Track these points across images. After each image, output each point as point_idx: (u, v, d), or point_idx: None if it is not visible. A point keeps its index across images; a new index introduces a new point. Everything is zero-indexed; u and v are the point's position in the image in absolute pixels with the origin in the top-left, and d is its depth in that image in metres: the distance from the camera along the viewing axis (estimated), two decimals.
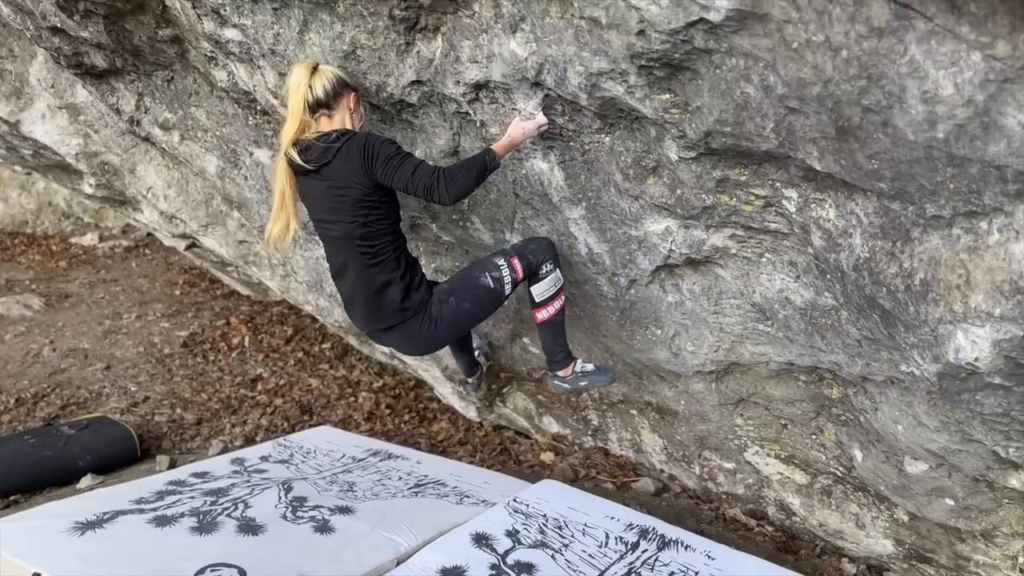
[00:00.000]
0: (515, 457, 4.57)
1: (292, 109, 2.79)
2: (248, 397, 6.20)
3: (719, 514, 4.10)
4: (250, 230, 4.69)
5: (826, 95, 2.05)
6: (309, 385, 6.35)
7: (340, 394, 6.13)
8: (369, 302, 3.00)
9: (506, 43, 2.57)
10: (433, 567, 2.87)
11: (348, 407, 5.84)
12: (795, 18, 1.96)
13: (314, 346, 7.07)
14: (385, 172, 2.69)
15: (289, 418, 5.76)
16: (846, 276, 2.45)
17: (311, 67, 2.80)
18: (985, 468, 2.90)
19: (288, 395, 6.17)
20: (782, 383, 3.42)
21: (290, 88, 2.79)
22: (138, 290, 9.22)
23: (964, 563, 3.63)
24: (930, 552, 3.71)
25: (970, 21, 1.75)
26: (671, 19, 2.12)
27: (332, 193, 2.80)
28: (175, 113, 4.20)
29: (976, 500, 3.15)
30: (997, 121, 1.85)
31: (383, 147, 2.70)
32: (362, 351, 6.93)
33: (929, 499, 3.28)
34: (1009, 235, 2.03)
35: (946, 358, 2.25)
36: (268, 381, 6.44)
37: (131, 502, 3.32)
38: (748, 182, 2.55)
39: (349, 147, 2.73)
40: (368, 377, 6.44)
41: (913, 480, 3.25)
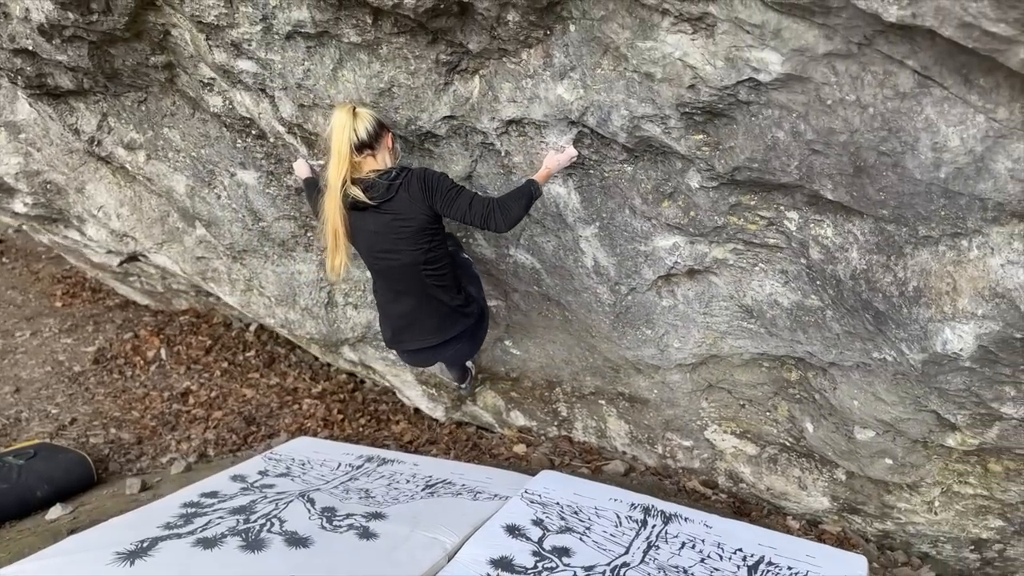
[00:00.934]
0: (488, 451, 4.88)
1: (338, 151, 2.94)
2: (183, 412, 6.12)
3: (680, 487, 4.61)
4: (214, 247, 4.69)
5: (850, 142, 2.51)
6: (244, 395, 6.34)
7: (281, 403, 6.18)
8: (434, 318, 3.30)
9: (553, 88, 2.87)
10: (482, 559, 3.16)
11: (296, 415, 5.92)
12: (833, 81, 2.41)
13: (237, 355, 7.01)
14: (444, 203, 2.94)
15: (235, 430, 5.77)
16: (842, 284, 2.96)
17: (351, 110, 2.96)
18: (927, 432, 3.53)
19: (225, 407, 6.15)
20: (748, 370, 3.94)
21: (334, 130, 2.94)
22: (13, 303, 8.66)
23: (889, 511, 4.32)
24: (861, 504, 4.37)
25: (979, 91, 2.25)
26: (724, 78, 2.51)
27: (397, 225, 3.00)
28: (143, 134, 4.17)
29: (912, 458, 3.80)
30: (989, 166, 2.38)
31: (440, 180, 2.95)
32: (291, 358, 6.97)
33: (872, 460, 3.91)
34: (986, 251, 2.59)
35: (933, 349, 2.81)
36: (198, 394, 6.37)
37: (159, 527, 3.37)
38: (757, 206, 3.00)
39: (409, 182, 2.95)
40: (304, 383, 6.51)
41: (860, 445, 3.87)
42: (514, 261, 3.77)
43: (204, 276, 4.95)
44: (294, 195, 4.02)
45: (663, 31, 2.50)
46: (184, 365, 6.84)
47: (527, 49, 2.84)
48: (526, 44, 2.82)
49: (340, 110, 2.97)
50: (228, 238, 4.43)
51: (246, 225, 4.29)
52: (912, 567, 4.50)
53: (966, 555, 4.48)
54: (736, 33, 2.39)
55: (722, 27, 2.40)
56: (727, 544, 3.50)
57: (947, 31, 2.05)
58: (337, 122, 2.94)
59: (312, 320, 4.65)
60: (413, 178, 2.96)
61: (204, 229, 4.50)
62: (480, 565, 3.12)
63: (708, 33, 2.44)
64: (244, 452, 5.42)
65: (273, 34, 3.08)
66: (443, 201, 2.95)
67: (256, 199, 4.11)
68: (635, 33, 2.55)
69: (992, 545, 4.33)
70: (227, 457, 5.36)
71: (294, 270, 4.45)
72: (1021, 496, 3.85)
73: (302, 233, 4.22)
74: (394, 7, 2.64)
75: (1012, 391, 2.91)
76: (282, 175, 3.94)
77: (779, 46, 2.35)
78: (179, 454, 5.48)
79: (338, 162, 2.95)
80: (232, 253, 4.53)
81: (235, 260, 4.60)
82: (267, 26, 3.05)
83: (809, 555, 3.48)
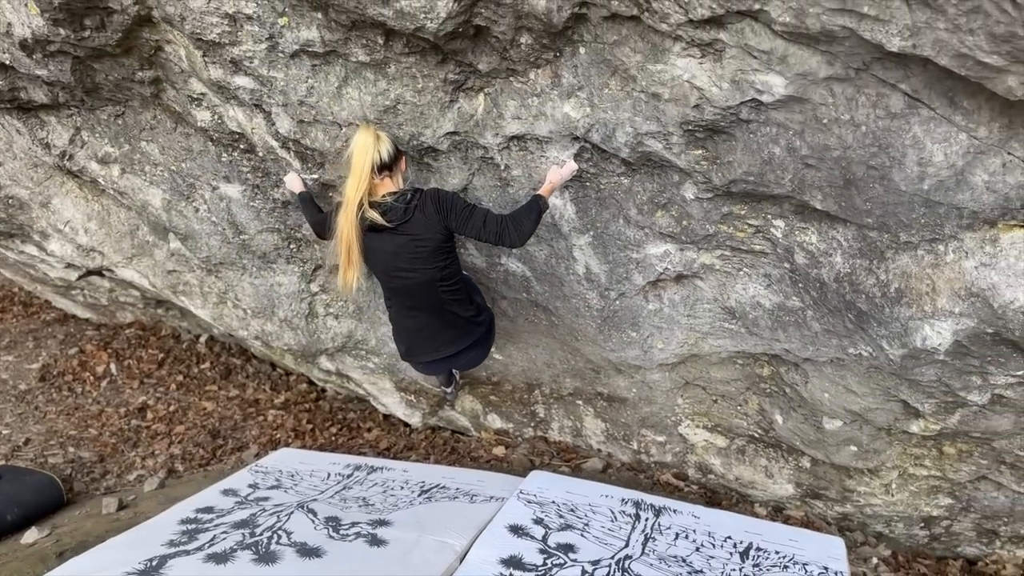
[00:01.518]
0: (467, 454, 4.98)
1: (359, 171, 3.00)
2: (143, 428, 6.01)
3: (655, 481, 4.82)
4: (187, 260, 4.65)
5: (843, 157, 2.74)
6: (204, 408, 6.26)
7: (244, 415, 6.13)
8: (449, 330, 3.43)
9: (559, 106, 3.01)
10: (492, 559, 3.27)
11: (262, 427, 5.89)
12: (830, 102, 2.63)
13: (192, 368, 6.91)
14: (459, 222, 3.04)
15: (201, 444, 5.71)
16: (826, 286, 3.20)
17: (375, 133, 3.04)
18: (893, 420, 3.82)
19: (186, 421, 6.07)
20: (723, 367, 4.16)
21: (356, 151, 3.01)
22: None
23: (849, 494, 4.63)
24: (823, 490, 4.67)
25: (962, 112, 2.50)
26: (728, 98, 2.70)
27: (414, 246, 3.09)
28: (119, 147, 4.11)
29: (875, 444, 4.09)
30: (968, 179, 2.64)
31: (454, 200, 3.05)
32: (247, 369, 6.91)
33: (839, 448, 4.19)
34: (961, 255, 2.85)
35: (913, 345, 3.07)
36: (156, 409, 6.26)
37: (163, 545, 3.36)
38: (746, 215, 3.21)
39: (424, 203, 3.04)
40: (265, 394, 6.47)
41: (828, 435, 4.14)
42: (505, 269, 3.89)
43: (175, 290, 4.89)
44: (280, 208, 4.04)
45: (673, 55, 2.66)
46: (137, 380, 6.69)
47: (535, 69, 2.97)
48: (535, 65, 2.95)
49: (363, 132, 3.03)
50: (205, 251, 4.40)
51: (225, 238, 4.28)
52: (870, 545, 4.83)
53: (916, 532, 4.83)
54: (743, 58, 2.58)
55: (730, 52, 2.58)
56: (716, 533, 3.71)
57: (943, 60, 2.27)
58: (360, 143, 3.00)
59: (291, 331, 4.67)
60: (427, 199, 3.05)
61: (178, 243, 4.46)
62: (492, 565, 3.23)
63: (716, 57, 2.62)
64: (214, 466, 5.38)
65: (278, 52, 3.12)
66: (458, 220, 3.06)
67: (239, 212, 4.10)
68: (646, 56, 2.71)
69: (941, 522, 4.69)
70: (197, 472, 5.30)
71: (273, 282, 4.46)
72: (971, 475, 4.20)
73: (285, 245, 4.24)
74: (415, 31, 2.72)
75: (978, 380, 3.20)
76: (268, 188, 3.95)
77: (784, 70, 2.55)
78: (146, 471, 5.39)
79: (358, 182, 3.00)
80: (208, 266, 4.50)
81: (210, 273, 4.57)
82: (272, 44, 3.09)
83: (792, 539, 3.72)
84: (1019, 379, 3.13)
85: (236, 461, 5.38)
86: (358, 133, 3.03)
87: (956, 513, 4.58)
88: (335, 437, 5.58)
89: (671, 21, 2.52)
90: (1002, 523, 4.60)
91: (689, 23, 2.51)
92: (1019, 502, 4.28)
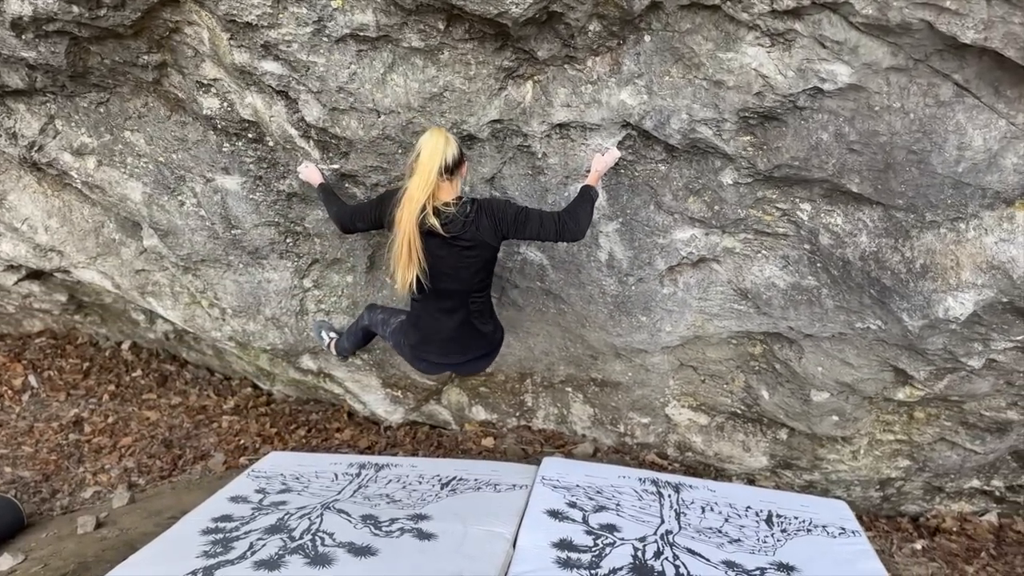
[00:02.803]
0: (456, 447, 4.95)
1: (427, 171, 2.91)
2: (83, 442, 5.60)
3: (641, 461, 4.98)
4: (159, 259, 4.37)
5: (888, 143, 2.95)
6: (148, 418, 5.90)
7: (195, 423, 5.82)
8: (467, 340, 3.41)
9: (616, 94, 3.07)
10: (544, 544, 3.30)
11: (220, 434, 5.61)
12: (884, 91, 2.83)
13: (122, 376, 6.47)
14: (515, 228, 3.06)
15: (156, 456, 5.39)
16: (850, 264, 3.43)
17: (445, 135, 2.97)
18: (882, 388, 4.13)
19: (131, 432, 5.70)
20: (719, 347, 4.36)
21: (426, 150, 2.91)
22: None
23: (819, 463, 4.95)
24: (795, 459, 4.97)
25: (1005, 101, 2.76)
26: (791, 86, 2.85)
27: (464, 255, 3.07)
28: (98, 138, 3.82)
29: (857, 413, 4.41)
30: (999, 161, 2.91)
31: (507, 208, 3.07)
32: (184, 375, 6.55)
33: (822, 418, 4.48)
34: (981, 232, 3.14)
35: (935, 315, 3.34)
36: (93, 421, 5.85)
37: (199, 558, 3.18)
38: (777, 199, 3.38)
39: (480, 218, 3.03)
40: (211, 400, 6.16)
41: (814, 406, 4.41)
42: (523, 259, 3.91)
43: (143, 290, 4.58)
44: (283, 201, 3.87)
45: (745, 44, 2.79)
46: (63, 391, 6.20)
47: (594, 57, 3.02)
48: (595, 52, 2.99)
49: (435, 133, 2.96)
50: (186, 248, 4.15)
51: (213, 233, 4.06)
52: None
53: (871, 494, 5.23)
54: (813, 47, 2.74)
55: (801, 41, 2.73)
56: (736, 503, 3.89)
57: (1009, 52, 2.51)
58: (431, 144, 2.92)
59: (277, 330, 4.48)
60: (483, 214, 3.03)
61: (156, 240, 4.18)
62: (546, 550, 3.26)
63: (786, 47, 2.77)
64: (179, 477, 5.09)
65: (323, 37, 3.01)
66: (514, 226, 3.06)
67: (236, 205, 3.90)
68: (717, 45, 2.82)
69: (895, 483, 5.10)
70: (162, 484, 5.00)
71: (262, 279, 4.27)
72: (933, 438, 4.59)
73: (281, 240, 4.07)
74: (498, 16, 2.71)
75: (979, 346, 3.53)
76: (273, 180, 3.79)
77: (852, 60, 2.72)
78: (102, 486, 5.03)
79: (425, 182, 2.92)
80: (186, 264, 4.24)
81: (186, 271, 4.31)
82: (319, 28, 2.98)
83: (803, 505, 3.96)
84: (1016, 344, 3.48)
85: (203, 470, 5.11)
86: (429, 134, 2.95)
87: (912, 474, 4.99)
88: (306, 439, 5.39)
89: (754, 11, 2.64)
90: (949, 480, 5.06)
91: (771, 13, 2.63)
92: (968, 459, 4.72)
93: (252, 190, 3.85)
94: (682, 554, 3.28)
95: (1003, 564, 4.60)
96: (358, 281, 4.27)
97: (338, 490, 3.91)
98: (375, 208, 3.22)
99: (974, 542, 4.94)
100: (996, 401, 4.09)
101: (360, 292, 4.30)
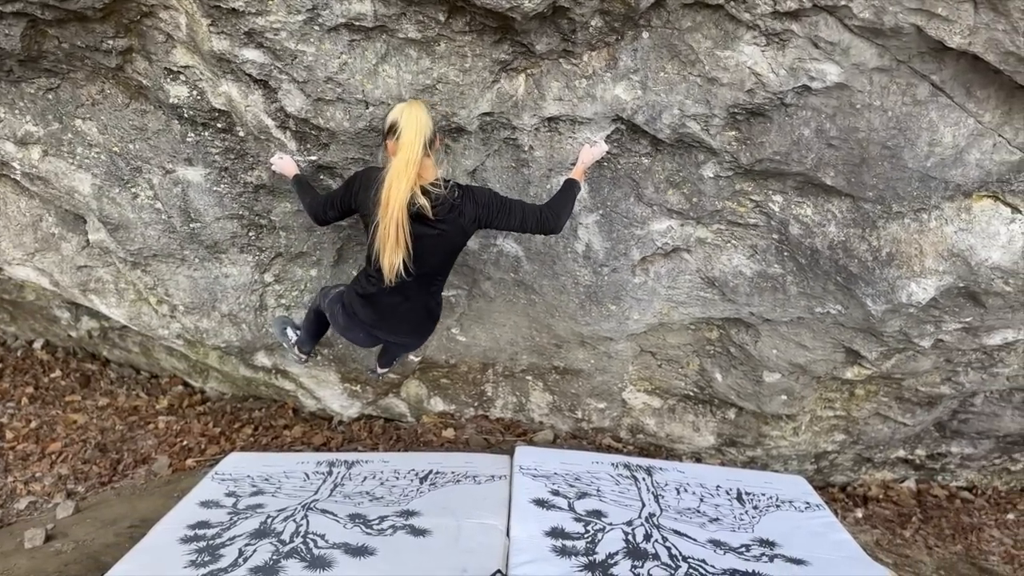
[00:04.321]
0: (416, 440, 4.90)
1: (412, 148, 2.78)
2: (6, 449, 5.25)
3: (598, 445, 5.09)
4: (103, 254, 4.12)
5: (865, 139, 3.12)
6: (75, 422, 5.58)
7: (128, 425, 5.54)
8: (422, 320, 3.36)
9: (610, 88, 3.11)
10: (537, 533, 3.35)
11: (158, 436, 5.36)
12: (867, 90, 2.99)
13: (40, 378, 6.09)
14: (499, 217, 3.01)
15: (91, 461, 5.11)
16: (819, 253, 3.60)
17: (421, 106, 2.86)
18: (832, 368, 4.37)
19: (59, 438, 5.38)
20: (679, 333, 4.50)
21: (409, 126, 2.78)
22: None
23: (762, 439, 5.20)
24: (740, 438, 5.20)
25: (975, 101, 2.97)
26: (783, 84, 2.97)
27: (439, 241, 2.98)
28: (45, 126, 3.57)
29: (805, 392, 4.65)
30: (963, 157, 3.13)
31: (492, 198, 3.01)
32: (108, 374, 6.21)
33: (772, 398, 4.70)
34: (942, 222, 3.37)
35: (898, 300, 3.56)
36: (14, 427, 5.49)
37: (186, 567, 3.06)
38: (752, 191, 3.52)
39: (465, 203, 2.94)
40: (141, 401, 5.88)
41: (766, 387, 4.63)
42: (498, 251, 3.91)
43: (85, 288, 4.31)
44: (249, 193, 3.72)
45: (743, 43, 2.88)
46: None
47: (591, 52, 3.04)
48: (592, 47, 3.02)
49: (415, 106, 2.84)
50: (138, 242, 3.94)
51: (170, 227, 3.86)
52: None
53: (806, 467, 5.53)
54: (806, 48, 2.86)
55: (795, 42, 2.85)
56: (706, 483, 4.04)
57: (989, 56, 2.70)
58: (412, 118, 2.78)
59: (232, 327, 4.31)
60: (467, 200, 2.95)
61: (103, 234, 3.94)
62: (541, 539, 3.30)
63: (780, 46, 2.88)
64: (122, 483, 4.84)
65: (315, 25, 2.91)
66: (498, 215, 3.01)
67: (198, 198, 3.73)
68: (716, 43, 2.90)
69: (829, 456, 5.41)
70: (104, 491, 4.75)
71: (219, 273, 4.10)
72: (869, 412, 4.90)
73: (244, 233, 3.92)
74: (509, 9, 2.69)
75: (931, 328, 3.79)
76: (240, 172, 3.64)
77: (843, 60, 2.86)
78: (37, 496, 4.73)
79: (412, 160, 2.78)
80: (136, 259, 4.02)
81: (135, 267, 4.09)
82: (312, 16, 2.88)
83: (767, 482, 4.16)
84: (964, 325, 3.75)
85: (147, 474, 4.88)
86: (407, 108, 2.83)
87: (846, 447, 5.31)
88: (254, 438, 5.22)
89: (756, 11, 2.73)
90: (878, 451, 5.41)
91: (772, 14, 2.73)
92: (898, 431, 5.06)
93: (217, 182, 3.69)
94: (670, 536, 3.39)
95: (932, 527, 4.97)
96: (323, 275, 4.16)
97: (314, 490, 3.83)
98: (343, 193, 3.09)
99: (901, 508, 5.31)
100: (932, 377, 4.40)
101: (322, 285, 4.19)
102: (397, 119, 2.85)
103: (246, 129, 3.42)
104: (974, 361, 4.20)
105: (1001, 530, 5.01)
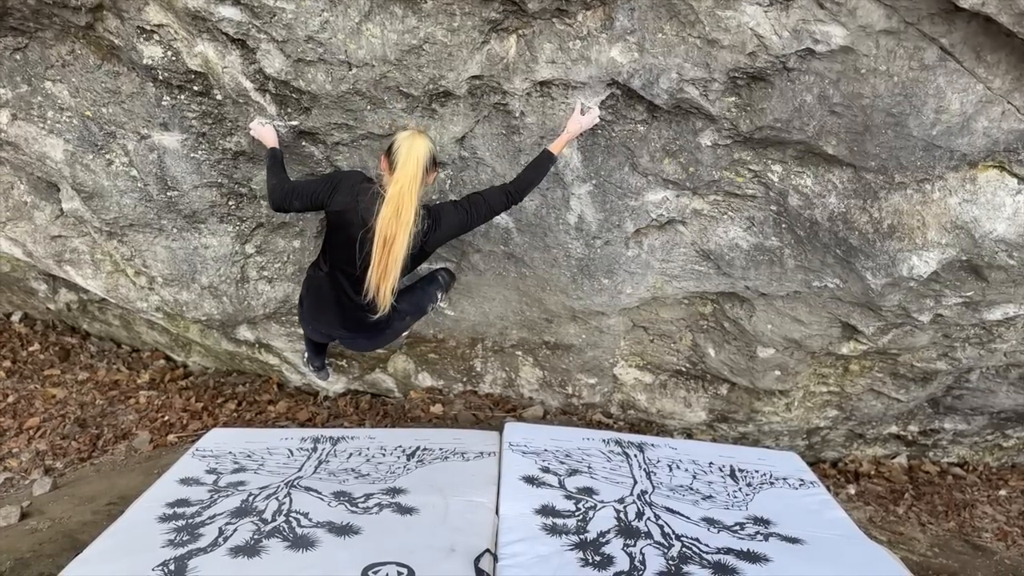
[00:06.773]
0: (404, 415, 4.81)
1: (413, 175, 2.86)
2: None
3: (588, 421, 5.00)
4: (78, 224, 3.97)
5: (870, 105, 3.00)
6: (54, 396, 5.44)
7: (108, 399, 5.41)
8: (366, 315, 3.25)
9: (606, 50, 2.97)
10: (527, 511, 3.26)
11: (139, 412, 5.23)
12: (873, 54, 2.86)
13: (18, 351, 5.94)
14: (470, 220, 3.11)
15: (70, 436, 4.99)
16: (818, 225, 3.49)
17: (428, 138, 2.98)
18: (827, 343, 4.28)
19: (37, 413, 5.25)
20: (671, 308, 4.40)
21: (408, 153, 2.86)
22: None
23: (754, 415, 5.13)
24: (732, 413, 5.12)
25: (985, 66, 2.85)
26: (786, 47, 2.84)
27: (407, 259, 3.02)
28: (13, 88, 3.42)
29: (799, 368, 4.56)
30: (971, 125, 3.02)
31: (453, 217, 3.08)
32: (88, 348, 6.07)
33: (765, 373, 4.62)
34: (945, 193, 3.26)
35: (899, 274, 3.46)
36: None
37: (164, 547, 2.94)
38: (750, 161, 3.40)
39: (431, 233, 3.04)
40: (121, 375, 5.74)
41: (759, 362, 4.54)
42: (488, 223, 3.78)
43: (60, 259, 4.16)
44: (228, 160, 3.58)
45: (745, 2, 2.75)
46: None
47: (585, 11, 2.91)
48: (587, 6, 2.88)
49: (418, 137, 2.92)
50: (113, 211, 3.79)
51: (146, 195, 3.72)
52: None
53: (798, 443, 5.47)
54: (811, 8, 2.73)
55: (800, 2, 2.72)
56: (699, 460, 3.96)
57: (1003, 18, 2.58)
58: (418, 146, 2.89)
59: (213, 299, 4.18)
60: (433, 229, 3.04)
61: (78, 203, 3.79)
62: (530, 517, 3.22)
63: (784, 6, 2.75)
64: (101, 458, 4.72)
65: None
66: (469, 220, 3.11)
67: (175, 165, 3.58)
68: (717, 2, 2.77)
69: (821, 432, 5.35)
70: (83, 467, 4.63)
71: (198, 244, 3.96)
72: (863, 388, 4.83)
73: (224, 202, 3.78)
74: None
75: (931, 302, 3.70)
76: (218, 137, 3.49)
77: (848, 22, 2.74)
78: (13, 473, 4.61)
79: (415, 187, 2.87)
80: (111, 229, 3.88)
81: (111, 237, 3.94)
82: None
83: (760, 458, 4.08)
84: (965, 299, 3.67)
85: (127, 450, 4.76)
86: (412, 138, 2.91)
87: (838, 423, 5.25)
88: (238, 413, 5.10)
89: None
90: (871, 427, 5.36)
91: None
92: (892, 407, 5.00)
93: (194, 148, 3.54)
94: (663, 513, 3.31)
95: (925, 503, 4.93)
96: (306, 246, 4.03)
97: (298, 467, 3.72)
98: (318, 189, 3.08)
99: (894, 484, 5.26)
100: (929, 352, 4.32)
101: (308, 258, 4.05)
102: (402, 149, 2.89)
103: (224, 92, 3.27)
104: (972, 336, 4.12)
105: (994, 507, 4.98)
